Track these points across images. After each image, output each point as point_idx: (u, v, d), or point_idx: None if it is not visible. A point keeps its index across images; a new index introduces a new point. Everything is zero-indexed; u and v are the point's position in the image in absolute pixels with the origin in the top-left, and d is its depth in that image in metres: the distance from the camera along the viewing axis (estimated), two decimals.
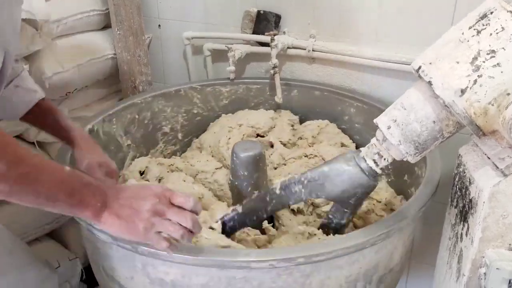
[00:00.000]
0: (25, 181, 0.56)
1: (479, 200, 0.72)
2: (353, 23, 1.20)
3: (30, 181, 0.57)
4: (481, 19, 0.65)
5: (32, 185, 0.57)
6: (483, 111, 0.65)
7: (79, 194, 0.61)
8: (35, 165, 0.57)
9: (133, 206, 0.64)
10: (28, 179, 0.56)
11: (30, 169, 0.57)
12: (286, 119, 1.27)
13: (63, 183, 0.60)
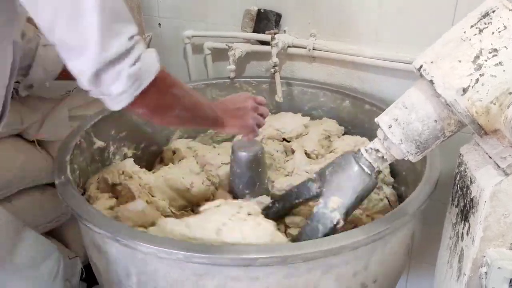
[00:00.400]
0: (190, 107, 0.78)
1: (481, 200, 0.72)
2: (354, 23, 1.20)
3: (192, 105, 0.78)
4: (483, 17, 0.65)
5: (191, 109, 0.78)
6: (485, 110, 0.65)
7: (210, 109, 0.83)
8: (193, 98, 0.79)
9: (241, 108, 0.88)
10: (190, 104, 0.78)
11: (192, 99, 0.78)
12: (322, 128, 1.19)
13: (202, 104, 0.81)
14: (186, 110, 0.76)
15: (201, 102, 0.81)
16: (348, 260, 0.76)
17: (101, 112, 1.10)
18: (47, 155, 1.22)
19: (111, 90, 0.62)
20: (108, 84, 0.61)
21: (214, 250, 0.72)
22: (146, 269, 0.77)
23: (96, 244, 0.85)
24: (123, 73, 0.61)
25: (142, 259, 0.76)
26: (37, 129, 1.18)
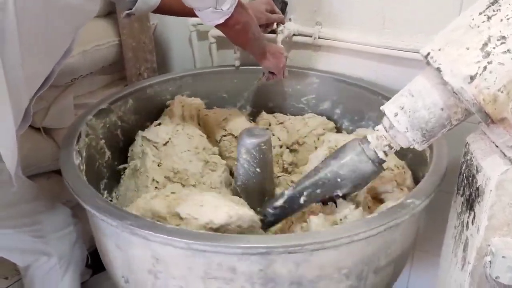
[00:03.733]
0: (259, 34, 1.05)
1: (486, 188, 0.71)
2: (360, 11, 1.19)
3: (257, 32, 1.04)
4: (492, 4, 0.64)
5: (257, 31, 1.04)
6: (492, 98, 0.64)
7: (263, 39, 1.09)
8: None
9: (276, 50, 1.13)
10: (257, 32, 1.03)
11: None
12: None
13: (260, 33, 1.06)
14: (255, 32, 1.01)
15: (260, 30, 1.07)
16: (352, 251, 0.77)
17: (106, 99, 1.10)
18: (53, 142, 1.23)
19: (222, 6, 0.86)
20: (221, 4, 0.86)
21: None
22: (152, 256, 0.78)
23: (101, 231, 0.85)
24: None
25: (147, 246, 0.77)
26: (43, 117, 1.19)
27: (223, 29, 0.92)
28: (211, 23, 0.90)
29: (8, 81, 0.67)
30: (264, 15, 1.14)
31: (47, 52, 0.76)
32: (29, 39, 0.69)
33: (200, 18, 0.90)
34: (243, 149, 0.96)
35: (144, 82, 1.24)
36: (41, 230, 0.95)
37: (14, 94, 0.69)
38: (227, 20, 0.88)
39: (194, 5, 0.87)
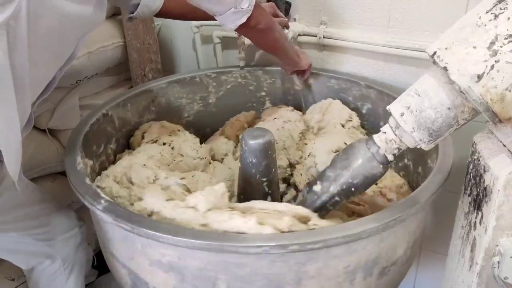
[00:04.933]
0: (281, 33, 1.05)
1: (494, 188, 0.71)
2: (365, 9, 1.18)
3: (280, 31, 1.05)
4: (499, 3, 0.63)
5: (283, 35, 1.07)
6: (500, 97, 0.63)
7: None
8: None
9: (299, 50, 1.19)
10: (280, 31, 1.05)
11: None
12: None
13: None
14: (280, 34, 1.03)
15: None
16: (356, 248, 0.76)
17: (111, 100, 1.11)
18: (58, 143, 1.23)
19: (242, 5, 0.87)
20: (240, 2, 0.87)
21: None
22: (155, 256, 0.78)
23: (102, 228, 0.86)
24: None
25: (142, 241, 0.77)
26: (48, 118, 1.19)
27: (247, 31, 0.93)
28: (233, 25, 0.90)
29: (15, 86, 0.67)
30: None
31: (53, 57, 0.77)
32: (38, 46, 0.70)
33: (221, 23, 0.91)
34: (246, 151, 0.96)
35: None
36: (46, 233, 0.95)
37: (20, 99, 0.69)
38: (249, 20, 0.88)
39: (215, 10, 0.88)
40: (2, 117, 0.67)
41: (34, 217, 0.92)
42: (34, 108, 0.81)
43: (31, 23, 0.66)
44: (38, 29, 0.68)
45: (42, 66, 0.74)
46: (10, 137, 0.69)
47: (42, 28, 0.68)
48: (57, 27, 0.71)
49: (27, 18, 0.65)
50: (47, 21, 0.69)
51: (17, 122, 0.70)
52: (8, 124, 0.69)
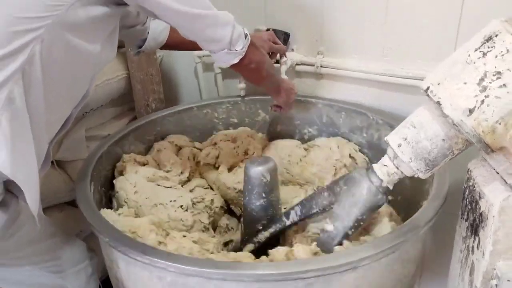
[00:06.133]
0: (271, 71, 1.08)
1: (490, 214, 0.74)
2: (360, 40, 1.23)
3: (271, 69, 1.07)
4: (487, 41, 0.68)
5: (271, 67, 1.09)
6: (491, 130, 0.67)
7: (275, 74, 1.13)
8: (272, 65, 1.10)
9: (289, 87, 1.18)
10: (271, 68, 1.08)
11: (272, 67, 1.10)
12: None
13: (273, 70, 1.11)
14: (271, 67, 1.07)
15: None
16: (358, 273, 0.79)
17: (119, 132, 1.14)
18: (65, 174, 1.26)
19: (236, 47, 0.89)
20: (234, 45, 0.89)
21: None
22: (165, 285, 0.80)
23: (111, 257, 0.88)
24: (241, 38, 0.90)
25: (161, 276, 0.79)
26: (56, 150, 1.23)
27: (238, 68, 0.95)
28: (225, 64, 0.92)
29: (32, 126, 0.71)
30: (267, 44, 1.18)
31: (67, 97, 0.81)
32: (53, 87, 0.73)
33: (215, 59, 0.93)
34: (249, 178, 1.00)
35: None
36: (59, 266, 0.97)
37: (37, 138, 0.73)
38: (241, 60, 0.91)
39: (209, 48, 0.90)
40: (21, 156, 0.70)
41: (47, 251, 0.94)
42: (51, 146, 0.84)
43: (44, 67, 0.70)
44: (51, 71, 0.71)
45: (57, 106, 0.78)
46: (29, 175, 0.72)
47: (55, 71, 0.72)
48: (69, 68, 0.75)
49: (41, 62, 0.69)
50: (60, 64, 0.73)
51: (34, 161, 0.73)
52: (26, 163, 0.72)
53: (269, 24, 1.31)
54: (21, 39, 0.67)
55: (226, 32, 0.85)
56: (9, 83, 0.67)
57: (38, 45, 0.68)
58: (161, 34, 1.08)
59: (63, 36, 0.71)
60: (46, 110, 0.74)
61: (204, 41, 0.88)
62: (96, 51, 0.78)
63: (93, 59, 0.80)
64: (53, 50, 0.70)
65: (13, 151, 0.68)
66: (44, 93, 0.72)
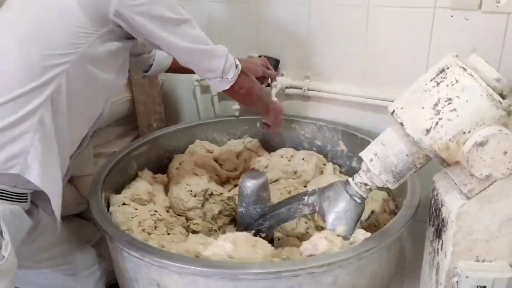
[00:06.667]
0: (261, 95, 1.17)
1: (449, 220, 0.85)
2: (343, 66, 1.36)
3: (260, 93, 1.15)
4: (440, 73, 0.81)
5: (262, 90, 1.18)
6: (445, 147, 0.80)
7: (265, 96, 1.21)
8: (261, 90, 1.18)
9: (278, 108, 1.28)
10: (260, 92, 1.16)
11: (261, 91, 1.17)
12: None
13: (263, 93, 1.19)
14: (259, 91, 1.15)
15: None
16: (340, 273, 0.89)
17: (126, 148, 1.27)
18: (74, 188, 1.37)
19: (227, 76, 1.00)
20: (226, 74, 1.00)
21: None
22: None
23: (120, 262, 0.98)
24: (232, 68, 1.01)
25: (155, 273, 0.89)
26: None
27: (229, 93, 1.05)
28: (218, 90, 1.04)
29: (58, 144, 0.83)
30: (261, 68, 1.29)
31: (86, 119, 0.94)
32: (75, 110, 0.86)
33: (210, 84, 1.06)
34: (243, 191, 1.11)
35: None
36: (72, 269, 1.08)
37: (61, 154, 0.85)
38: (232, 86, 1.02)
39: (205, 76, 1.02)
40: (49, 170, 0.82)
41: (62, 255, 1.05)
42: (71, 159, 0.96)
43: (69, 94, 0.83)
44: (74, 98, 0.84)
45: (77, 127, 0.91)
46: (55, 186, 0.84)
47: (77, 97, 0.85)
48: (89, 94, 0.88)
49: (66, 91, 0.82)
50: (81, 91, 0.85)
51: (59, 174, 0.85)
52: (53, 175, 0.84)
53: (261, 52, 1.44)
54: (51, 72, 0.80)
55: (219, 63, 0.97)
56: (40, 109, 0.79)
57: (64, 76, 0.81)
58: (165, 60, 1.21)
59: (84, 68, 0.84)
60: (69, 130, 0.86)
61: (201, 70, 1.00)
62: (111, 78, 0.91)
63: (108, 85, 0.92)
64: (76, 80, 0.83)
65: (43, 166, 0.80)
66: (68, 116, 0.84)
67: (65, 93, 0.82)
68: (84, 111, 0.91)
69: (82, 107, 0.89)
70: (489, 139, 0.76)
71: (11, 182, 0.82)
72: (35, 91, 0.79)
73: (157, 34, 0.88)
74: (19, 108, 0.78)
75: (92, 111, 0.95)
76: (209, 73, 0.99)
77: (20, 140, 0.79)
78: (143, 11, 0.84)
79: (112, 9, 0.82)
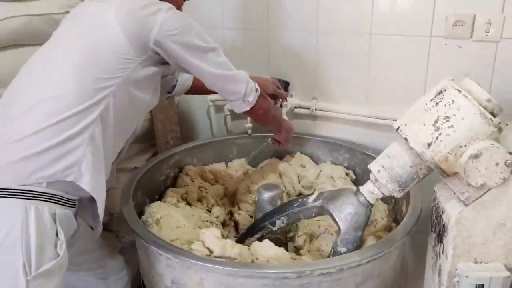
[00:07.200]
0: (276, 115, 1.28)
1: (449, 225, 0.94)
2: (348, 88, 1.48)
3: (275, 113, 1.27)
4: (438, 94, 0.92)
5: (277, 110, 1.32)
6: (444, 159, 0.90)
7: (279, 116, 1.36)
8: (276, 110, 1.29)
9: (289, 127, 1.39)
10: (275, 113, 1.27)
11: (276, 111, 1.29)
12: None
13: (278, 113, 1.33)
14: (274, 111, 1.26)
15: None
16: (349, 275, 0.98)
17: (149, 163, 1.37)
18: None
19: (248, 98, 1.10)
20: (247, 97, 1.10)
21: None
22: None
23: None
24: (252, 91, 1.11)
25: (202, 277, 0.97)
26: None
27: (249, 113, 1.14)
28: (239, 111, 1.13)
29: (104, 156, 0.94)
30: (272, 86, 1.36)
31: (125, 133, 1.04)
32: (119, 127, 0.97)
33: (231, 106, 1.14)
34: (261, 201, 1.22)
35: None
36: (104, 273, 1.17)
37: (106, 165, 0.95)
38: (252, 107, 1.12)
39: (227, 98, 1.11)
40: (97, 177, 0.92)
41: (96, 260, 1.14)
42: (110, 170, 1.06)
43: (115, 113, 0.94)
44: (119, 115, 0.95)
45: (119, 141, 1.02)
46: (101, 192, 0.94)
47: (121, 115, 0.96)
48: (130, 113, 0.99)
49: (113, 110, 0.93)
50: (124, 110, 0.97)
51: (104, 181, 0.96)
52: (100, 183, 0.94)
53: (271, 74, 1.55)
54: (101, 94, 0.91)
55: (241, 87, 1.08)
56: (92, 126, 0.90)
57: (111, 97, 0.92)
58: (187, 82, 1.32)
59: (128, 90, 0.95)
60: (113, 143, 0.97)
61: (224, 92, 1.11)
62: (148, 98, 1.02)
63: (145, 105, 1.04)
64: (121, 100, 0.94)
65: (93, 175, 0.90)
66: (113, 132, 0.95)
67: (112, 112, 0.93)
68: (125, 127, 1.02)
69: (124, 123, 1.00)
70: (483, 152, 0.86)
71: (65, 189, 0.91)
72: (88, 110, 0.90)
73: (188, 60, 0.99)
74: (74, 125, 0.89)
75: (130, 127, 1.06)
76: (232, 96, 1.10)
77: (75, 152, 0.89)
78: (178, 40, 0.96)
79: (152, 38, 0.94)
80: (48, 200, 0.89)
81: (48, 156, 0.87)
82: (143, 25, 0.93)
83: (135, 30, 0.92)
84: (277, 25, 1.52)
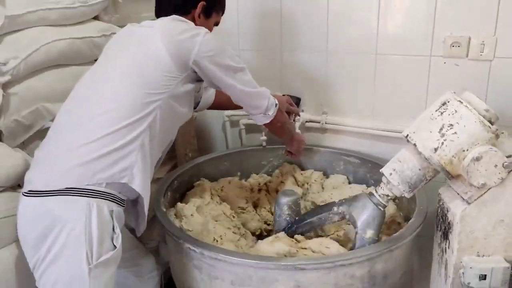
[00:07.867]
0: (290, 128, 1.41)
1: (454, 222, 1.04)
2: (355, 103, 1.60)
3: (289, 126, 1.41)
4: (443, 105, 1.04)
5: (290, 123, 1.44)
6: (449, 162, 1.02)
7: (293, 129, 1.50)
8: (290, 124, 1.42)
9: (300, 139, 1.51)
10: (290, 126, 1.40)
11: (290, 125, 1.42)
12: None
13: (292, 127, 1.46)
14: (289, 124, 1.40)
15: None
16: (361, 266, 1.10)
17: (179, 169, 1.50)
18: None
19: (269, 112, 1.22)
20: (268, 111, 1.22)
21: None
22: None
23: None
24: (273, 106, 1.23)
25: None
26: None
27: (268, 126, 1.26)
28: (260, 123, 1.25)
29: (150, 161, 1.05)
30: (285, 105, 1.46)
31: (165, 143, 1.16)
32: (162, 136, 1.09)
33: (253, 119, 1.26)
34: (279, 205, 1.32)
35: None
36: (140, 271, 1.26)
37: (151, 170, 1.07)
38: (272, 120, 1.24)
39: (250, 112, 1.23)
40: (145, 180, 1.04)
41: (133, 258, 1.24)
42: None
43: (160, 124, 1.06)
44: (163, 126, 1.07)
45: (160, 149, 1.13)
46: (148, 192, 1.05)
47: (165, 126, 1.08)
48: (172, 124, 1.11)
49: (159, 121, 1.05)
50: (167, 121, 1.08)
51: (149, 184, 1.06)
52: (147, 184, 1.05)
53: (284, 91, 1.68)
54: (150, 107, 1.03)
55: (264, 102, 1.20)
56: (142, 135, 1.02)
57: (158, 110, 1.04)
58: (210, 98, 1.44)
59: (170, 104, 1.07)
60: (157, 151, 1.08)
61: (249, 107, 1.22)
62: (185, 111, 1.14)
63: (182, 117, 1.16)
64: (165, 113, 1.06)
65: (142, 178, 1.02)
66: (158, 140, 1.07)
67: (159, 123, 1.05)
68: (166, 137, 1.14)
69: (166, 134, 1.12)
70: (483, 155, 0.97)
71: (119, 189, 1.02)
72: (139, 121, 1.02)
73: (220, 77, 1.11)
74: (127, 134, 1.00)
75: (170, 137, 1.18)
76: (255, 110, 1.22)
77: (128, 157, 1.00)
78: (213, 60, 1.08)
79: (192, 58, 1.06)
80: (107, 198, 0.99)
81: (108, 159, 0.98)
82: (184, 46, 1.05)
83: (178, 51, 1.05)
84: (289, 46, 1.65)
